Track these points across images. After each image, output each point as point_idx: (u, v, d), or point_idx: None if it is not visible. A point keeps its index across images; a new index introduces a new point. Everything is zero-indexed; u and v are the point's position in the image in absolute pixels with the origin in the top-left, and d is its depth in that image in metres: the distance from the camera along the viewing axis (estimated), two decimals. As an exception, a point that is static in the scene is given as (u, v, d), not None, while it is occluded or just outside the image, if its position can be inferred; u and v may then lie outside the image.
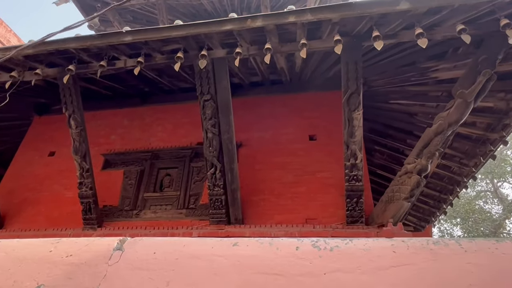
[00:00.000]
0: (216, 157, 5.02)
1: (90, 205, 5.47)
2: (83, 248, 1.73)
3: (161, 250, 1.67)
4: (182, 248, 1.66)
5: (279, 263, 1.52)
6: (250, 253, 1.59)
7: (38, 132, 7.29)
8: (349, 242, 1.58)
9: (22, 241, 1.91)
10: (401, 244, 1.53)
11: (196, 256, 1.60)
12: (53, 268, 1.63)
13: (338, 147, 5.68)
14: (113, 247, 1.72)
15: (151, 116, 6.91)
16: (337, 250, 1.55)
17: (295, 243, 1.62)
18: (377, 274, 1.40)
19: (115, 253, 1.68)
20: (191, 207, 5.66)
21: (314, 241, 1.61)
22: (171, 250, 1.66)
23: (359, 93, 4.53)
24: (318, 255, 1.53)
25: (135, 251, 1.69)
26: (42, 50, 4.47)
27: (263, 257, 1.56)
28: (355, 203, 4.78)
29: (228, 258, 1.57)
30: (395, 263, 1.44)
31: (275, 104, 6.48)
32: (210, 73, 4.78)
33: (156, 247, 1.69)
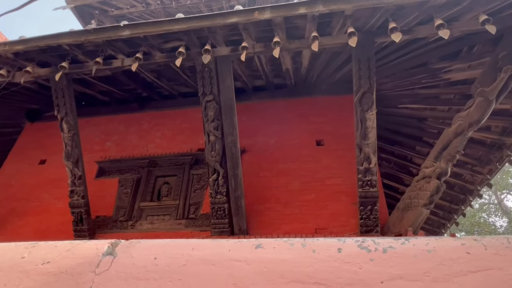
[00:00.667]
0: (218, 162, 4.68)
1: (81, 215, 5.06)
2: (64, 253, 1.37)
3: (164, 254, 1.31)
4: (190, 251, 1.31)
5: (318, 269, 1.17)
6: (278, 256, 1.24)
7: (29, 140, 6.92)
8: (406, 242, 1.24)
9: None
10: (474, 243, 1.19)
11: (209, 262, 1.25)
12: (24, 278, 1.26)
13: (347, 152, 5.38)
14: (103, 251, 1.36)
15: (149, 122, 6.58)
16: (392, 252, 1.20)
17: (335, 244, 1.27)
18: (453, 282, 1.05)
19: (105, 259, 1.32)
20: (191, 217, 5.27)
21: (359, 241, 1.27)
22: (176, 254, 1.30)
23: (372, 92, 4.26)
24: (369, 259, 1.18)
25: (130, 256, 1.33)
26: (33, 47, 4.17)
27: (297, 262, 1.21)
28: (369, 211, 4.43)
29: (251, 264, 1.22)
30: (473, 268, 1.09)
31: (279, 109, 6.19)
32: (213, 72, 4.50)
33: (158, 251, 1.34)
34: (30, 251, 1.39)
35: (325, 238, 1.31)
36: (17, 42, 4.17)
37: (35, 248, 1.41)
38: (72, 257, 1.33)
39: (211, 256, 1.26)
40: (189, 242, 1.36)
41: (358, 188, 4.46)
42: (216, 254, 1.27)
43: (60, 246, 1.41)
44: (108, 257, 1.31)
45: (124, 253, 1.33)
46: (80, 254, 1.35)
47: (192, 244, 1.34)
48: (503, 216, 18.19)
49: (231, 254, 1.27)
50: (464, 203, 7.21)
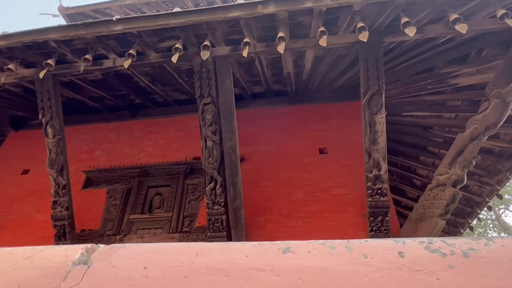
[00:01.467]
0: (216, 169, 4.32)
1: (64, 228, 4.60)
2: (20, 263, 1.01)
3: (158, 262, 0.96)
4: (193, 258, 0.96)
5: (377, 280, 0.83)
6: (317, 264, 0.90)
7: (12, 149, 6.48)
8: (490, 243, 0.91)
9: None
10: None
11: (220, 272, 0.90)
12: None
13: (352, 161, 5.09)
14: (73, 259, 1.00)
15: (141, 130, 6.23)
16: (477, 256, 0.87)
17: (393, 246, 0.94)
18: None
19: (76, 270, 0.96)
20: (185, 230, 4.85)
21: (424, 242, 0.94)
22: (175, 262, 0.95)
23: (381, 94, 4.00)
24: (446, 265, 0.85)
25: (110, 265, 0.97)
26: (17, 42, 3.85)
27: (344, 271, 0.86)
28: (379, 222, 4.08)
29: (280, 274, 0.88)
30: None
31: (279, 116, 5.91)
32: (211, 73, 4.21)
33: (149, 258, 0.98)
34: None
35: (376, 239, 0.97)
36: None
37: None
38: (31, 268, 0.96)
39: (223, 264, 0.91)
40: (191, 246, 1.01)
41: (367, 197, 4.13)
42: (229, 262, 0.92)
43: (17, 254, 1.04)
44: (80, 267, 0.95)
45: (103, 262, 0.97)
46: (42, 263, 0.98)
47: (196, 249, 0.99)
48: (502, 232, 17.92)
49: (250, 261, 0.92)
50: (471, 216, 6.90)
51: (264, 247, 0.98)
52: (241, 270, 0.89)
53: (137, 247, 1.05)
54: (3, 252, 1.08)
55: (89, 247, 1.08)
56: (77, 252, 1.04)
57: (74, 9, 9.33)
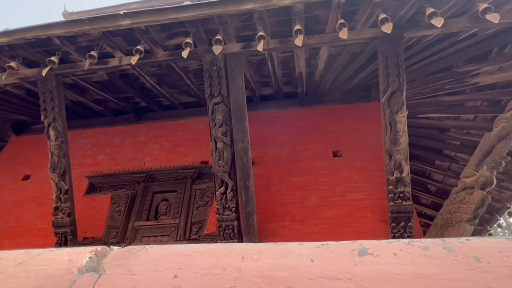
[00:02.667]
0: (227, 172, 4.09)
1: (66, 236, 4.35)
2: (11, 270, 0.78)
3: (192, 269, 0.72)
4: (239, 263, 0.73)
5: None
6: (413, 270, 0.65)
7: (13, 154, 6.28)
8: None
9: None
10: None
11: (280, 282, 0.66)
12: None
13: (369, 164, 4.85)
14: (79, 265, 0.76)
15: (146, 134, 6.01)
16: None
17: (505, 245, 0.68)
18: None
19: (83, 279, 0.72)
20: (193, 237, 4.58)
21: None
22: (215, 269, 0.71)
23: (402, 91, 3.78)
24: None
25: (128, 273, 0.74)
26: (19, 39, 3.67)
27: (458, 279, 0.63)
28: (402, 228, 3.81)
29: (365, 284, 0.64)
30: None
31: (289, 119, 5.69)
32: (222, 71, 4.01)
33: (178, 264, 0.74)
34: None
35: (478, 238, 0.73)
36: (0, 34, 3.67)
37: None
38: (24, 277, 0.73)
39: (281, 270, 0.67)
40: (232, 248, 0.77)
41: (389, 201, 3.87)
42: (289, 268, 0.68)
43: (7, 259, 0.81)
44: (88, 276, 0.72)
45: (119, 269, 0.73)
46: (39, 271, 0.75)
47: (239, 251, 0.75)
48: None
49: (317, 267, 0.69)
50: (490, 223, 6.60)
51: (331, 248, 0.75)
52: (308, 279, 0.66)
53: (161, 250, 0.81)
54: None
55: (99, 250, 0.84)
56: (84, 256, 0.80)
57: (78, 14, 9.21)
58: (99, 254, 0.83)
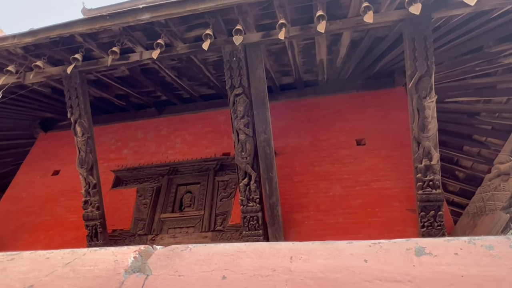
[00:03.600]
0: (250, 164, 4.08)
1: (96, 228, 4.50)
2: (59, 271, 0.78)
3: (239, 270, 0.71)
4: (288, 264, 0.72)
5: None
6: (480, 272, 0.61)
7: (42, 150, 6.51)
8: None
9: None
10: None
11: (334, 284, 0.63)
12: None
13: (394, 152, 4.72)
14: (125, 265, 0.76)
15: (168, 127, 6.08)
16: None
17: None
18: None
19: (131, 280, 0.71)
20: (218, 229, 4.64)
21: None
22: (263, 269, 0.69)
23: (430, 76, 3.62)
24: None
25: (175, 274, 0.73)
26: (44, 38, 3.74)
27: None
28: (432, 217, 3.70)
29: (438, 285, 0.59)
30: None
31: (310, 108, 5.59)
32: (242, 61, 3.96)
33: (225, 265, 0.73)
34: (5, 267, 0.81)
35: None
36: (26, 34, 3.76)
37: (12, 263, 0.82)
38: (73, 277, 0.74)
39: (334, 272, 0.64)
40: (279, 248, 0.75)
41: (417, 190, 3.76)
42: (342, 269, 0.65)
43: (54, 258, 0.82)
44: (135, 277, 0.71)
45: (165, 269, 0.73)
46: (86, 271, 0.75)
47: (287, 251, 0.72)
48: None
49: (372, 268, 0.65)
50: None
51: (384, 247, 0.71)
52: (364, 281, 0.63)
53: (204, 249, 0.80)
54: (38, 256, 0.86)
55: (143, 249, 0.84)
56: (129, 256, 0.80)
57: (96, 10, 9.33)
58: (143, 253, 0.82)
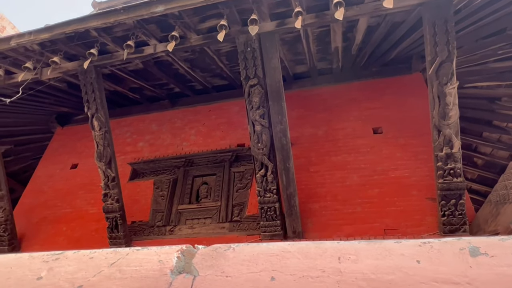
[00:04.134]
0: (266, 155, 4.07)
1: (116, 220, 4.60)
2: (105, 271, 0.79)
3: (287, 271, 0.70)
4: (337, 264, 0.71)
5: None
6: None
7: (60, 144, 6.64)
8: None
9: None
10: None
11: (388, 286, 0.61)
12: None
13: (411, 140, 4.65)
14: (170, 266, 0.76)
15: (182, 119, 6.10)
16: None
17: None
18: None
19: (178, 281, 0.72)
20: (235, 219, 4.68)
21: None
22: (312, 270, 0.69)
23: (451, 61, 3.51)
24: None
25: (222, 275, 0.73)
26: (59, 34, 3.77)
27: None
28: (453, 205, 3.65)
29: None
30: None
31: (325, 96, 5.52)
32: (257, 51, 3.91)
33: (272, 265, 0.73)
34: (51, 266, 0.82)
35: None
36: (42, 30, 3.79)
37: (58, 262, 0.84)
38: (120, 278, 0.75)
39: (387, 273, 0.63)
40: (326, 248, 0.74)
41: (438, 178, 3.70)
42: (395, 270, 0.64)
43: (98, 259, 0.83)
44: (183, 278, 0.72)
45: (211, 270, 0.73)
46: (133, 272, 0.76)
47: (333, 250, 0.72)
48: None
49: (426, 269, 0.65)
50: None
51: (435, 247, 0.69)
52: (419, 282, 0.61)
53: (248, 249, 0.80)
54: (82, 256, 0.88)
55: (185, 249, 0.84)
56: (172, 256, 0.81)
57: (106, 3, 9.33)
58: (185, 253, 0.83)
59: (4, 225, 5.02)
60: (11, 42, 3.93)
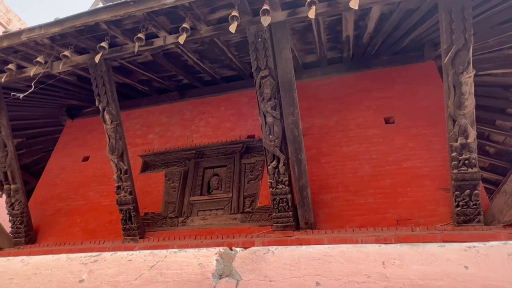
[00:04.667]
0: (278, 147, 4.06)
1: (130, 212, 4.66)
2: (146, 274, 0.80)
3: (332, 276, 0.70)
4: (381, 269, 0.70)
5: None
6: None
7: (71, 137, 6.69)
8: None
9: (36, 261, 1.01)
10: None
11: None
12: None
13: (424, 130, 4.60)
14: (211, 269, 0.77)
15: (191, 111, 6.10)
16: None
17: None
18: None
19: (221, 285, 0.72)
20: (247, 210, 4.71)
21: None
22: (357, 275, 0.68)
23: (468, 50, 3.44)
24: None
25: (266, 279, 0.73)
26: (69, 27, 3.75)
27: None
28: (467, 196, 3.62)
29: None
30: None
31: (335, 86, 5.46)
32: (268, 42, 3.86)
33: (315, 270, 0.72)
34: (91, 269, 0.83)
35: None
36: (52, 24, 3.77)
37: (97, 265, 0.85)
38: (162, 282, 0.75)
39: (435, 279, 0.64)
40: (368, 252, 0.73)
41: (452, 169, 3.66)
42: (443, 276, 0.65)
43: (137, 261, 0.84)
44: (226, 282, 0.72)
45: (254, 274, 0.73)
46: (174, 275, 0.77)
47: (377, 255, 0.71)
48: None
49: (476, 275, 0.64)
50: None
51: (482, 251, 0.69)
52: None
53: (288, 252, 0.80)
54: (120, 258, 0.89)
55: (223, 251, 0.85)
56: (211, 258, 0.81)
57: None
58: (224, 256, 0.83)
59: (20, 217, 5.12)
60: (22, 37, 3.93)
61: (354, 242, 3.69)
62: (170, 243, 4.41)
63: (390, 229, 3.81)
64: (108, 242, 4.74)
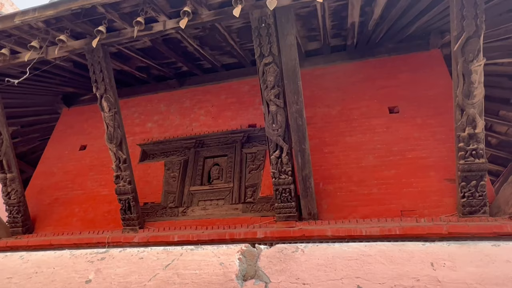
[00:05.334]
0: (281, 136, 3.97)
1: (129, 202, 4.58)
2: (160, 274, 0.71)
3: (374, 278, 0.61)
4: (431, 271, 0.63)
5: None
6: None
7: (67, 125, 6.55)
8: None
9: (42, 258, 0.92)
10: None
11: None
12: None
13: (429, 119, 4.53)
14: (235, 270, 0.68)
15: (191, 99, 5.97)
16: None
17: None
18: None
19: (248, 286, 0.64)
20: (248, 201, 4.65)
21: None
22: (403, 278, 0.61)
23: (479, 37, 3.33)
24: None
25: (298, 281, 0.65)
26: (65, 10, 3.59)
27: None
28: (473, 187, 3.57)
29: None
30: None
31: (339, 74, 5.34)
32: (272, 28, 3.72)
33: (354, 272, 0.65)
34: (98, 268, 0.75)
35: None
36: (47, 7, 3.61)
37: (105, 263, 0.76)
38: (180, 283, 0.67)
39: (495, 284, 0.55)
40: (412, 251, 0.66)
41: (459, 159, 3.60)
42: (504, 280, 0.56)
43: (149, 259, 0.76)
44: (252, 283, 0.64)
45: (283, 276, 0.66)
46: (193, 276, 0.69)
47: (423, 255, 0.65)
48: None
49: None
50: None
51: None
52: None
53: (319, 251, 0.72)
54: (130, 255, 0.80)
55: (245, 249, 0.77)
56: (233, 257, 0.73)
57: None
58: (246, 254, 0.75)
59: (17, 207, 5.02)
60: (15, 20, 3.77)
61: (358, 233, 3.65)
62: (171, 233, 4.35)
63: (395, 220, 3.77)
64: (107, 232, 4.67)
